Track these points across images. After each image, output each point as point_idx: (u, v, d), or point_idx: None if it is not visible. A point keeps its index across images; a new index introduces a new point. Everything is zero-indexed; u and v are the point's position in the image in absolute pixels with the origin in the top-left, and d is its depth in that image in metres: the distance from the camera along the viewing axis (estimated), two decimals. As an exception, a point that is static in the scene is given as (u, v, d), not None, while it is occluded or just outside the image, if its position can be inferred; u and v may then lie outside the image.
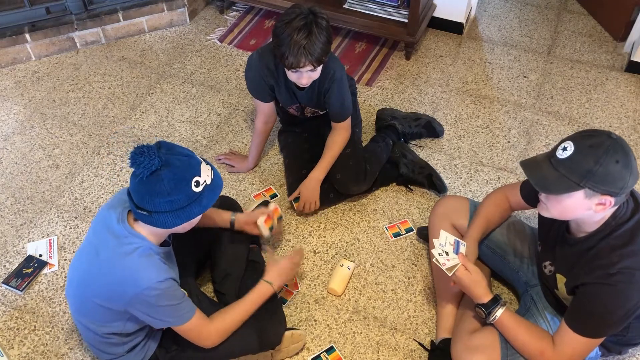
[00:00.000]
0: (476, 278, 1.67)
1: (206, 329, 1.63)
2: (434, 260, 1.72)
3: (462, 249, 1.73)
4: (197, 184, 1.46)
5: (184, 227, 1.55)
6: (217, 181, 1.53)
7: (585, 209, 1.42)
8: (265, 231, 1.94)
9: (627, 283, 1.43)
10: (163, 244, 1.63)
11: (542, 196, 1.49)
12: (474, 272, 1.68)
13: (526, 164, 1.47)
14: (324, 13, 1.91)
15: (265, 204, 2.30)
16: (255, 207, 2.27)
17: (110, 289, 1.49)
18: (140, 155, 1.40)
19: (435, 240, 1.74)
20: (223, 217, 1.95)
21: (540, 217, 1.74)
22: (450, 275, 1.69)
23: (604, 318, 1.47)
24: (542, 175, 1.41)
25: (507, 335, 1.64)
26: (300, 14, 1.86)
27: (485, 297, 1.66)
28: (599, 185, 1.36)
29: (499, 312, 1.64)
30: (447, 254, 1.71)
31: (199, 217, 1.55)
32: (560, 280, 1.60)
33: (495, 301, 1.65)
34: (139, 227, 1.52)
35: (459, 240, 1.75)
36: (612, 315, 1.46)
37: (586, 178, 1.36)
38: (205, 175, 1.49)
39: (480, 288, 1.67)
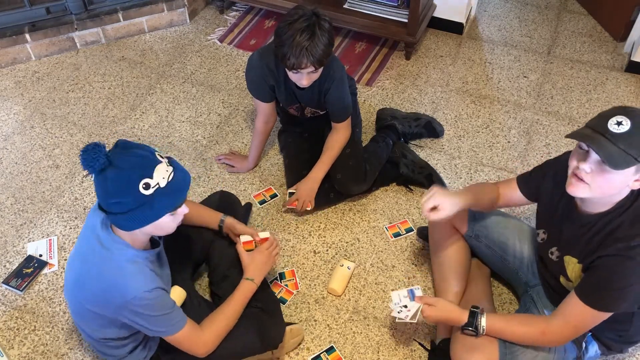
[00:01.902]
0: (443, 307, 1.69)
1: (198, 337, 1.61)
2: (396, 321, 1.77)
3: (418, 293, 1.78)
4: (147, 186, 1.38)
5: (153, 231, 1.48)
6: (174, 185, 1.42)
7: (624, 185, 1.41)
8: (241, 252, 1.88)
9: None
10: (154, 245, 1.61)
11: (586, 170, 1.41)
12: (437, 302, 1.70)
13: (582, 138, 1.39)
14: (327, 15, 1.92)
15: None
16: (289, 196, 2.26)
17: (99, 295, 1.47)
18: (85, 153, 1.35)
19: (390, 304, 1.78)
20: (212, 218, 1.91)
21: (540, 206, 1.74)
22: (416, 321, 1.72)
23: (621, 291, 1.45)
24: (607, 151, 1.35)
25: (504, 336, 1.63)
26: (304, 15, 1.87)
27: (463, 317, 1.66)
28: None
29: (484, 321, 1.63)
30: (405, 306, 1.74)
31: (169, 221, 1.47)
32: (570, 262, 1.58)
33: (474, 314, 1.65)
34: (119, 232, 1.48)
35: (411, 288, 1.80)
36: (629, 289, 1.44)
37: None
38: (160, 178, 1.39)
39: (453, 313, 1.68)
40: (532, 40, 3.14)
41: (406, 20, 2.87)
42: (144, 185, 1.38)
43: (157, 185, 1.39)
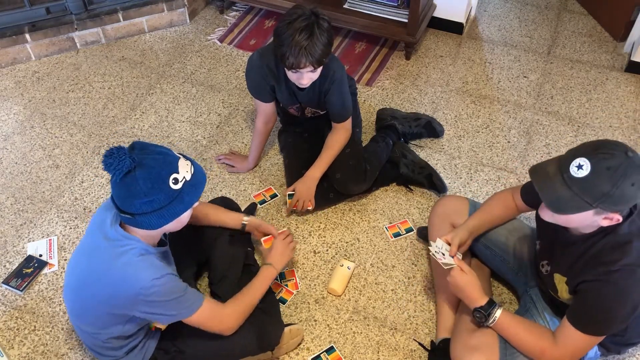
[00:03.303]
0: (472, 280, 1.68)
1: (220, 313, 1.62)
2: (431, 254, 1.76)
3: (458, 256, 1.76)
4: (176, 181, 1.44)
5: (174, 226, 1.53)
6: (198, 176, 1.50)
7: (591, 222, 1.42)
8: (263, 249, 1.97)
9: (628, 280, 1.43)
10: (160, 244, 1.62)
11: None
12: (469, 273, 1.69)
13: (537, 177, 1.43)
14: (325, 15, 1.91)
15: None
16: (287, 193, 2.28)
17: (108, 292, 1.48)
18: (110, 157, 1.38)
19: (432, 242, 1.77)
20: (234, 218, 1.96)
21: (538, 216, 1.74)
22: (445, 269, 1.72)
23: (607, 316, 1.47)
24: (555, 195, 1.38)
25: (506, 336, 1.64)
26: (302, 14, 1.87)
27: (481, 300, 1.66)
28: (612, 206, 1.35)
29: (498, 313, 1.64)
30: (443, 254, 1.75)
31: (188, 214, 1.52)
32: (560, 280, 1.60)
33: (492, 303, 1.65)
34: (131, 229, 1.50)
35: None
36: (615, 313, 1.46)
37: (600, 200, 1.34)
38: (184, 172, 1.46)
39: (476, 290, 1.67)
40: (532, 40, 3.14)
41: (406, 20, 2.87)
42: (173, 181, 1.43)
43: (184, 179, 1.45)
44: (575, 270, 1.53)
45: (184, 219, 1.53)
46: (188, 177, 1.46)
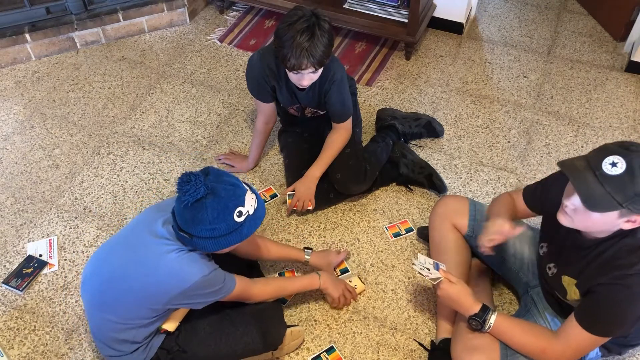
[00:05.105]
0: (462, 289, 1.68)
1: (248, 291, 1.70)
2: (416, 273, 1.74)
3: (442, 268, 1.75)
4: (240, 214, 1.48)
5: (222, 251, 1.57)
6: (260, 211, 1.54)
7: (612, 225, 1.40)
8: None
9: None
10: None
11: (569, 207, 1.42)
12: (458, 282, 1.69)
13: (571, 172, 1.38)
14: (326, 16, 1.92)
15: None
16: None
17: (153, 287, 1.51)
18: (187, 183, 1.42)
19: (415, 260, 1.76)
20: (297, 255, 2.01)
21: (545, 219, 1.74)
22: (435, 284, 1.70)
23: (618, 319, 1.46)
24: (590, 190, 1.34)
25: (505, 339, 1.63)
26: (303, 16, 1.87)
27: (475, 306, 1.65)
28: (639, 207, 1.33)
29: (493, 318, 1.63)
30: (428, 269, 1.73)
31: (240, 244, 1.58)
32: (569, 282, 1.58)
33: (486, 309, 1.65)
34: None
35: (438, 262, 1.77)
36: (626, 316, 1.46)
37: (631, 200, 1.32)
38: (249, 206, 1.50)
39: (468, 297, 1.67)
40: (532, 40, 3.14)
41: (406, 20, 2.87)
42: (237, 214, 1.48)
43: (247, 213, 1.50)
44: (587, 274, 1.51)
45: (234, 246, 1.57)
46: (251, 212, 1.51)
